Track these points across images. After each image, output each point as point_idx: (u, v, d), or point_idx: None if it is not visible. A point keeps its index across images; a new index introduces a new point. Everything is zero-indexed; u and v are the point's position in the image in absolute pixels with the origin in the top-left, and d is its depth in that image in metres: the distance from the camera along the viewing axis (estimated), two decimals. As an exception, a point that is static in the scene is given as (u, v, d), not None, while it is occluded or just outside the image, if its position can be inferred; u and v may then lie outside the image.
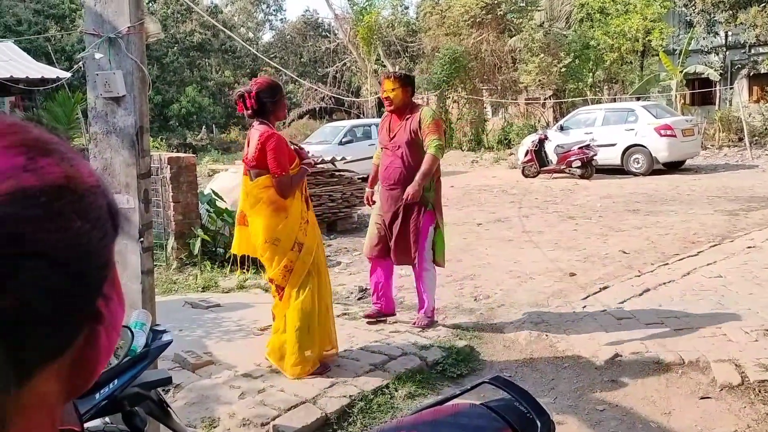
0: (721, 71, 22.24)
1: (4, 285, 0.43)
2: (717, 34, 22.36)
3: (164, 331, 2.17)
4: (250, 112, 3.79)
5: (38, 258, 0.45)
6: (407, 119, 4.57)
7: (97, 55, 2.80)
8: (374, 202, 4.86)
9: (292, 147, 3.92)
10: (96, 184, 0.52)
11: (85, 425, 1.95)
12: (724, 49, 22.88)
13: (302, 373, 3.78)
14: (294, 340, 3.77)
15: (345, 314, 5.06)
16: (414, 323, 4.68)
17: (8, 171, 0.45)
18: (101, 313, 0.51)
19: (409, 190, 4.44)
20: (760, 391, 3.56)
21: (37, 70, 14.27)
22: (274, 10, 42.71)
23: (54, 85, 12.65)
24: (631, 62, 22.59)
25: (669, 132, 14.04)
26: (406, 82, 4.62)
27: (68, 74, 12.63)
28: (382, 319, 4.82)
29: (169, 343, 2.14)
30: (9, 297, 0.43)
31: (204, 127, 29.78)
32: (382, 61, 24.96)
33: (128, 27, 2.76)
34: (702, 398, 3.60)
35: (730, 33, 22.60)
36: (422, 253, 4.59)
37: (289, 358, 3.78)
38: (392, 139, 4.61)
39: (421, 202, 4.53)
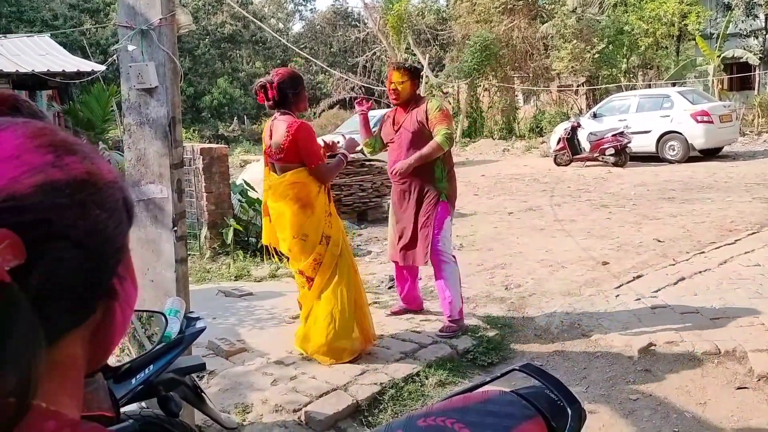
0: (760, 55, 21.62)
1: (34, 263, 0.50)
2: (756, 16, 21.73)
3: (198, 318, 2.21)
4: (271, 103, 3.74)
5: (63, 240, 0.53)
6: (412, 110, 4.36)
7: (130, 47, 2.84)
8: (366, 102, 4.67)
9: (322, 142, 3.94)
10: (114, 180, 0.60)
11: (122, 409, 2.00)
12: (764, 32, 22.22)
13: (333, 362, 3.81)
14: (327, 330, 3.78)
15: (376, 303, 5.08)
16: (441, 330, 4.32)
17: (39, 166, 0.53)
18: (116, 290, 0.59)
19: (398, 165, 4.28)
20: (799, 382, 3.48)
21: (73, 63, 14.55)
22: (303, 1, 42.83)
23: (89, 78, 12.89)
24: (666, 47, 22.08)
25: (706, 118, 13.73)
26: (415, 75, 4.41)
27: (103, 67, 12.86)
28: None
29: (202, 329, 2.18)
30: (38, 273, 0.51)
31: (236, 118, 30.06)
32: (412, 50, 24.84)
33: (160, 19, 2.79)
34: (738, 388, 3.54)
35: (770, 15, 21.95)
36: (437, 246, 4.31)
37: (321, 347, 3.81)
38: (398, 132, 4.41)
39: (434, 193, 4.32)
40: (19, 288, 0.48)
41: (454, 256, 4.44)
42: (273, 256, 4.30)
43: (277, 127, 3.75)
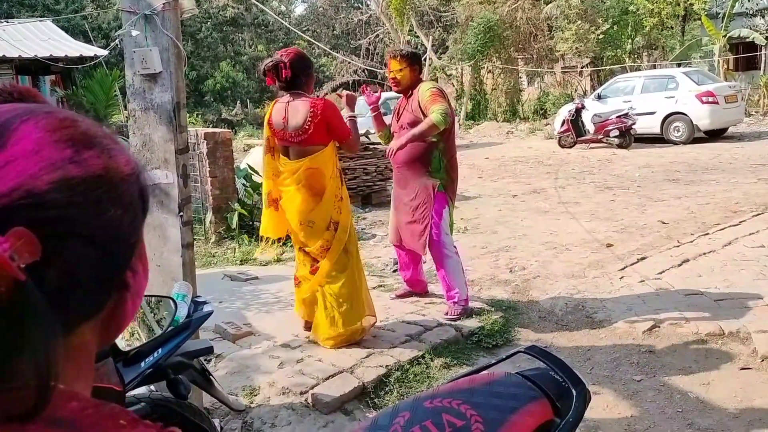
0: (767, 35, 21.40)
1: (51, 259, 0.51)
2: (763, -5, 21.49)
3: (205, 302, 2.23)
4: (283, 84, 3.63)
5: (79, 237, 0.54)
6: (410, 98, 4.29)
7: (134, 33, 2.84)
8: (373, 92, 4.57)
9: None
10: (131, 173, 0.60)
11: (133, 392, 2.03)
12: (771, 12, 21.99)
13: (340, 345, 3.84)
14: (338, 316, 3.80)
15: (381, 286, 5.10)
16: (446, 313, 4.32)
17: (58, 162, 0.54)
18: (129, 282, 0.61)
19: (393, 143, 4.23)
20: (802, 362, 3.50)
21: (76, 48, 14.52)
22: (305, -17, 42.47)
23: (92, 63, 12.86)
24: (671, 27, 21.86)
25: (711, 99, 13.63)
26: (413, 61, 4.30)
27: (105, 52, 12.83)
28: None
29: (210, 313, 2.20)
30: (54, 268, 0.52)
31: (239, 102, 29.96)
32: (416, 32, 24.66)
33: (163, 3, 2.79)
34: (742, 369, 3.56)
35: (777, -6, 21.70)
36: (440, 239, 4.28)
37: (329, 331, 3.83)
38: (398, 121, 4.37)
39: (430, 181, 4.25)
40: (35, 283, 0.49)
41: (455, 247, 4.41)
42: (274, 243, 4.30)
43: (297, 108, 3.63)
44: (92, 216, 0.54)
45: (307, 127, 3.60)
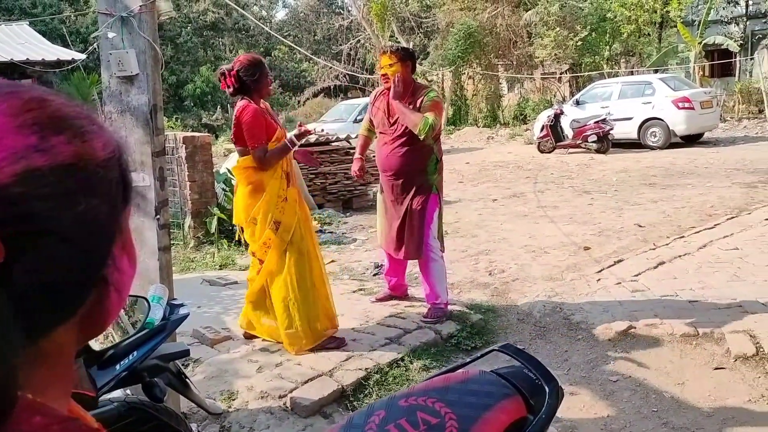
0: (741, 42, 21.79)
1: (17, 259, 0.47)
2: (737, 3, 21.89)
3: (181, 305, 2.22)
4: (231, 90, 3.77)
5: (47, 235, 0.48)
6: (410, 103, 4.15)
7: (110, 34, 2.82)
8: (363, 173, 4.61)
9: (275, 121, 3.88)
10: (108, 157, 0.54)
11: (108, 396, 2.01)
12: (745, 19, 22.39)
13: (300, 350, 3.79)
14: (282, 319, 3.78)
15: (361, 290, 5.11)
16: (425, 316, 4.30)
17: (21, 151, 0.48)
18: (109, 278, 0.55)
19: (394, 103, 4.12)
20: (774, 362, 3.56)
21: (53, 52, 14.38)
22: (286, -12, 42.45)
23: (69, 66, 12.74)
24: (648, 34, 22.19)
25: (687, 105, 13.85)
26: (406, 57, 4.15)
27: (83, 56, 12.71)
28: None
29: (186, 316, 2.19)
30: (20, 269, 0.47)
31: (219, 106, 29.81)
32: (396, 38, 24.74)
33: (140, 5, 2.78)
34: (716, 369, 3.61)
35: (750, 2, 22.10)
36: (428, 241, 4.26)
37: (284, 336, 3.81)
38: (393, 125, 4.21)
39: (426, 186, 4.24)
40: None
41: (442, 251, 4.41)
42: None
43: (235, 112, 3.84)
44: (62, 209, 0.49)
45: (233, 129, 3.80)
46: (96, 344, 1.79)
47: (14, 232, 0.46)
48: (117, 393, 2.09)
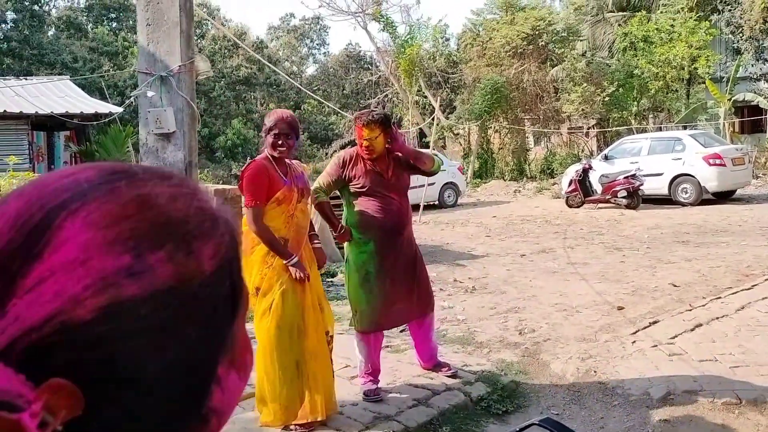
0: (771, 98, 21.69)
1: (96, 410, 0.38)
2: (766, 60, 21.87)
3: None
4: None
5: (130, 384, 0.39)
6: (394, 158, 4.03)
7: (150, 93, 2.89)
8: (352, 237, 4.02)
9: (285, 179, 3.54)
10: (217, 268, 0.44)
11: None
12: (774, 76, 22.33)
13: (268, 425, 3.53)
14: (259, 385, 3.55)
15: (388, 347, 5.01)
16: (446, 370, 4.28)
17: (110, 277, 0.39)
18: (209, 414, 0.45)
19: (408, 148, 4.12)
20: (824, 435, 3.38)
21: (91, 105, 14.85)
22: (317, 45, 43.71)
23: (106, 119, 13.11)
24: (676, 90, 22.20)
25: (718, 161, 13.71)
26: (387, 125, 3.94)
27: (120, 109, 13.09)
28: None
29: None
30: (98, 422, 0.38)
31: (249, 158, 30.30)
32: (424, 92, 25.12)
33: (179, 66, 2.85)
34: (762, 441, 3.44)
35: (780, 59, 22.06)
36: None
37: (257, 404, 3.61)
38: (395, 182, 4.00)
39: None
40: None
41: None
42: None
43: None
44: (152, 351, 0.40)
45: (239, 185, 3.58)
46: None
47: (89, 380, 0.38)
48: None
